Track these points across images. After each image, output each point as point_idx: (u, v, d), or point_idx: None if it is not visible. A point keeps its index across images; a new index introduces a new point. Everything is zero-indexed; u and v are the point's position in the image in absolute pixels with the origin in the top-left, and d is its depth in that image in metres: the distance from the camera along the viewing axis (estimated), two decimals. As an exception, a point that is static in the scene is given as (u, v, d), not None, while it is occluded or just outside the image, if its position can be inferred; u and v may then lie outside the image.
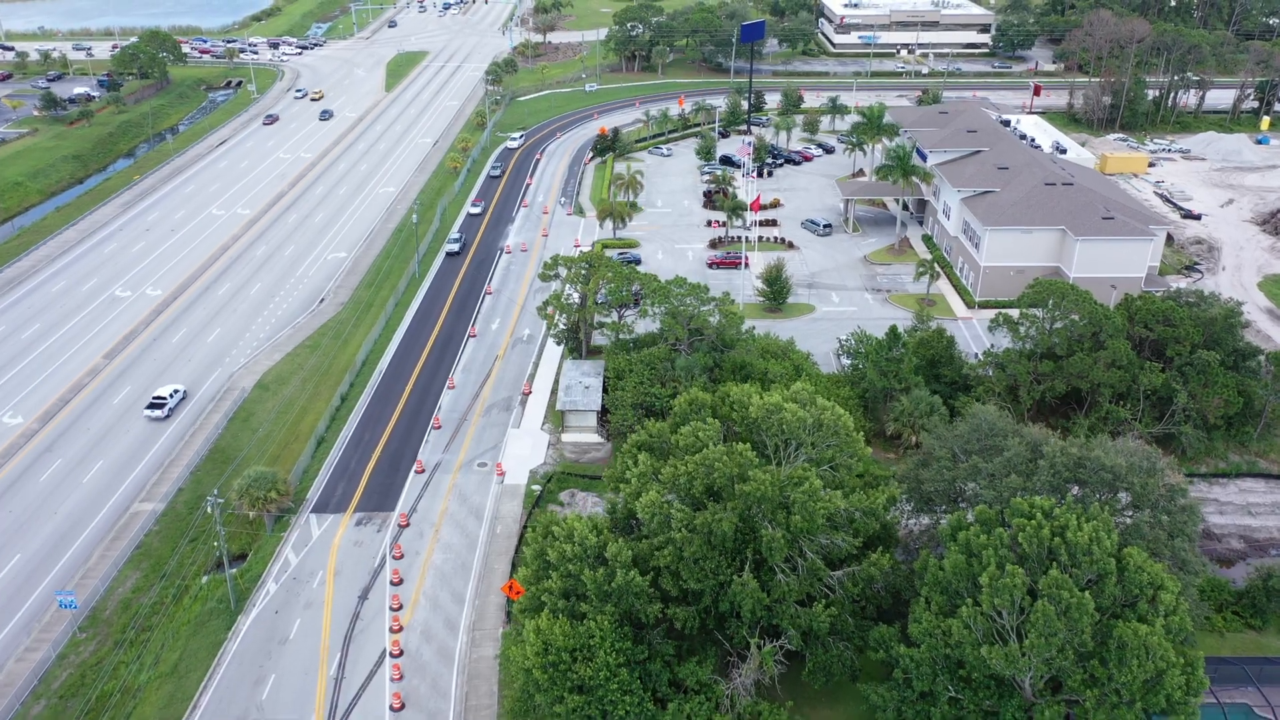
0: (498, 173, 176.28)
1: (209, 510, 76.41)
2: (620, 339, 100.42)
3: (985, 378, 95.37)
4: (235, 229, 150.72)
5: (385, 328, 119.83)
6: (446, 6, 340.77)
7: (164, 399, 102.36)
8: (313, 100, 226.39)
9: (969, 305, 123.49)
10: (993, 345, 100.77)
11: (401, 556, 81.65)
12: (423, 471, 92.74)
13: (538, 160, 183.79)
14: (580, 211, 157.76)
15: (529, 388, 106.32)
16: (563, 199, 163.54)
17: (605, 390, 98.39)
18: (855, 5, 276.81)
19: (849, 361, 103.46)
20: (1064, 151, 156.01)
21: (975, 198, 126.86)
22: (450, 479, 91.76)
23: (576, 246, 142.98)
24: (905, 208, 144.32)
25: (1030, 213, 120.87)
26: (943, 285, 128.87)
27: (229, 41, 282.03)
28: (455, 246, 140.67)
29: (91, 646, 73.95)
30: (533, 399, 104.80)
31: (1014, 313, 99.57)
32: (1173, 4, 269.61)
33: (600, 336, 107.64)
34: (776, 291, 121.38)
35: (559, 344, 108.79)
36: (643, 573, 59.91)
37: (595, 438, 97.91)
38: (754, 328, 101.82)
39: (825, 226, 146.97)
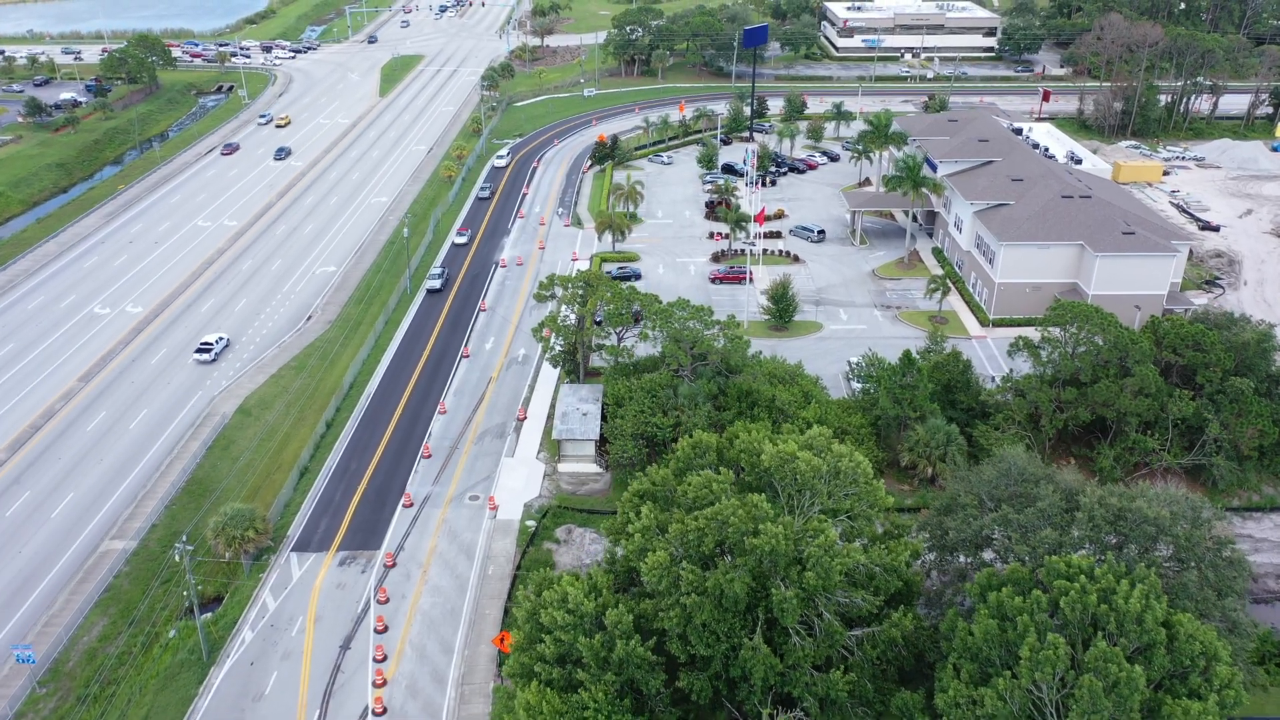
0: (486, 194, 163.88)
1: (177, 559, 71.31)
2: (620, 363, 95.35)
3: (1005, 405, 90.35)
4: (221, 241, 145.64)
5: (374, 347, 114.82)
6: (443, 9, 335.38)
7: (210, 344, 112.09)
8: (278, 126, 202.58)
9: (983, 323, 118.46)
10: (1011, 370, 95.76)
11: (387, 600, 76.59)
12: (411, 505, 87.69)
13: (534, 169, 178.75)
14: (578, 223, 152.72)
15: (524, 413, 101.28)
16: (560, 209, 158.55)
17: (604, 417, 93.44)
18: (858, 8, 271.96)
19: (860, 386, 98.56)
20: (1079, 162, 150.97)
21: (989, 211, 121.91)
22: (440, 514, 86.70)
23: (574, 260, 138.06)
24: (914, 219, 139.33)
25: (1047, 227, 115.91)
26: (954, 301, 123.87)
27: (220, 45, 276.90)
28: (437, 283, 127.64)
29: (52, 703, 68.87)
30: (528, 425, 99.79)
31: (1034, 336, 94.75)
32: (1181, 7, 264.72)
33: (599, 358, 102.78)
34: (782, 310, 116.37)
35: (555, 366, 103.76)
36: (645, 634, 54.93)
37: (594, 467, 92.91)
38: (760, 352, 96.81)
39: (819, 233, 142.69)
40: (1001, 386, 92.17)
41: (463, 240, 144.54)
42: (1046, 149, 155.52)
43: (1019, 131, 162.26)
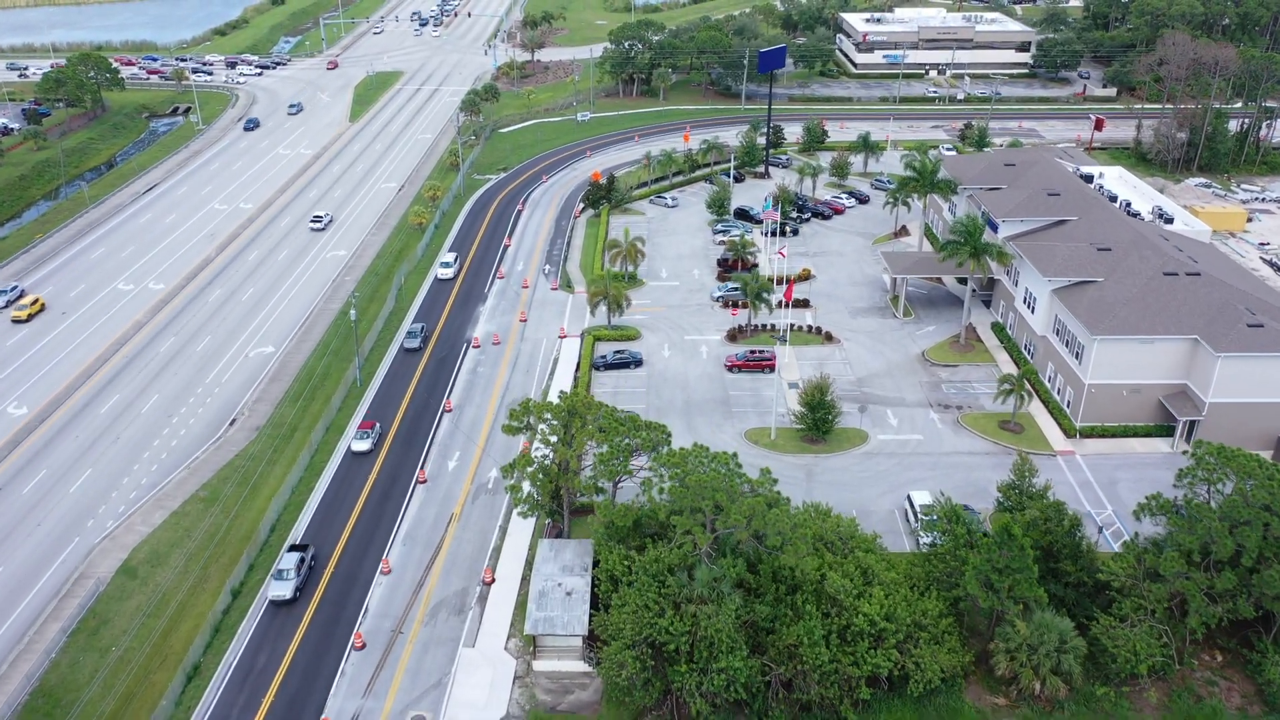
0: (416, 343, 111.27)
1: None
2: (615, 525, 71.87)
3: (1134, 587, 67.08)
4: (141, 312, 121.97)
5: (309, 468, 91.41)
6: (423, 23, 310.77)
7: (321, 217, 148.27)
8: (15, 321, 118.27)
9: (1068, 433, 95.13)
10: (1137, 535, 72.58)
11: None
12: (331, 735, 64.49)
13: (519, 212, 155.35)
14: (568, 285, 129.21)
15: (491, 574, 77.91)
16: (547, 267, 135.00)
17: (595, 596, 70.27)
18: (878, 21, 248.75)
19: (929, 540, 75.46)
20: (1170, 221, 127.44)
21: (1072, 290, 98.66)
22: (369, 749, 63.46)
23: (562, 336, 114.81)
24: (972, 290, 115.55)
25: (1150, 316, 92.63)
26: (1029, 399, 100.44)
27: (180, 60, 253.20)
28: (364, 444, 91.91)
29: None
30: (496, 591, 76.49)
31: (1167, 482, 71.64)
32: (1226, 23, 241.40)
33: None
34: (819, 419, 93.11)
35: (527, 517, 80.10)
36: None
37: (580, 665, 69.69)
38: (798, 509, 73.04)
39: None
40: (1128, 560, 68.72)
41: (364, 448, 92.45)
42: (1128, 203, 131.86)
43: (1089, 179, 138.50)
